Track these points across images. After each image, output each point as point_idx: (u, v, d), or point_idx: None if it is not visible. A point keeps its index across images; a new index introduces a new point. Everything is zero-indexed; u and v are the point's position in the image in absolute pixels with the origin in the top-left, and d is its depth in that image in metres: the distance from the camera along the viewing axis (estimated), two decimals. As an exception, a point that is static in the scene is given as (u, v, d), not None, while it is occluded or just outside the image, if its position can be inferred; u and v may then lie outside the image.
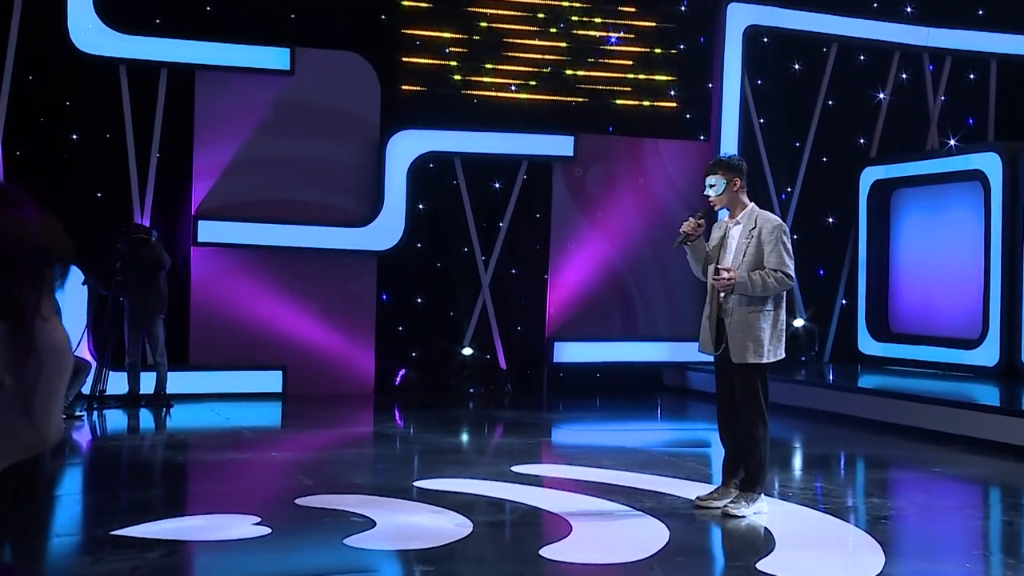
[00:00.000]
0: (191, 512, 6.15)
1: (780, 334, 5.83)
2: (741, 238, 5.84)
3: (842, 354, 13.24)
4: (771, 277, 5.69)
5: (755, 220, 5.86)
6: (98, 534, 5.35)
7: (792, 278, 5.76)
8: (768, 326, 5.76)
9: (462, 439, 9.16)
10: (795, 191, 13.32)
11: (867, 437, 9.20)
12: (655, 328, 12.63)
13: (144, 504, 6.16)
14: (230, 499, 6.35)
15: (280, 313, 11.30)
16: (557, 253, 12.33)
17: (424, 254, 12.00)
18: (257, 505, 6.02)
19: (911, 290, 12.74)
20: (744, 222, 5.87)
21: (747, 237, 5.82)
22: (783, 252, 5.76)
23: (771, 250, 5.76)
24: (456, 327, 12.10)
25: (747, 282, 5.67)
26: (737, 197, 5.90)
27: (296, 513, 5.84)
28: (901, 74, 13.73)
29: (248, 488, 6.81)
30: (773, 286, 5.70)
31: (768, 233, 5.79)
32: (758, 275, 5.68)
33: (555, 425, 10.25)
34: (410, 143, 11.69)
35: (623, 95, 12.78)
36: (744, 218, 5.88)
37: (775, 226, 5.80)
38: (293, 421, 10.04)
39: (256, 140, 11.26)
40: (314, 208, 11.40)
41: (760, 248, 5.78)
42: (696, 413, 10.95)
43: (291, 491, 6.39)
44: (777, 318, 5.81)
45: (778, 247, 5.75)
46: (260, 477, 7.22)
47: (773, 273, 5.70)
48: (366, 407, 10.96)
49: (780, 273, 5.71)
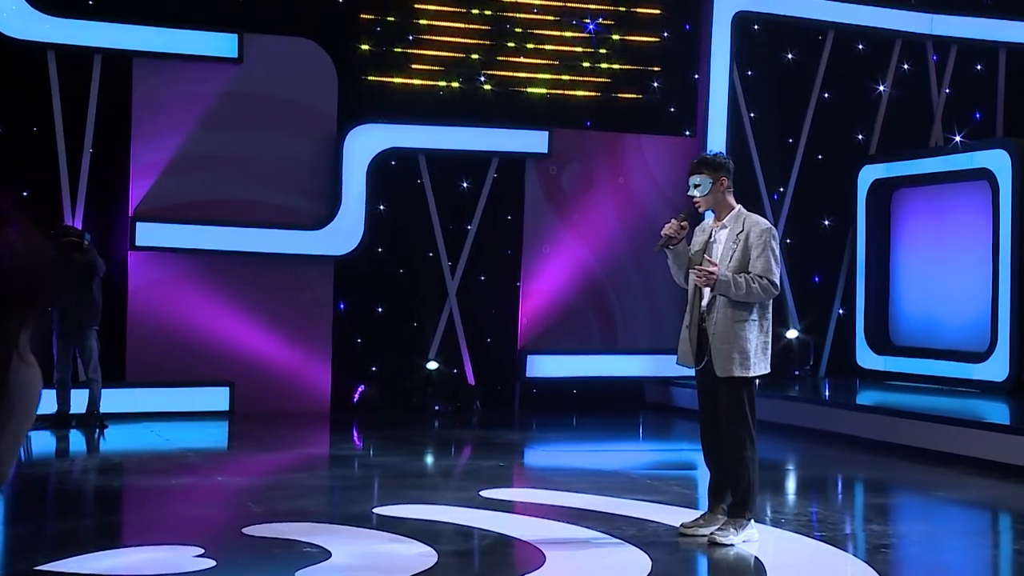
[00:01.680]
0: (127, 544, 6.10)
1: (766, 345, 5.86)
2: (728, 242, 5.87)
3: (839, 368, 13.31)
4: (756, 283, 5.73)
5: (743, 223, 5.89)
6: (21, 570, 5.29)
7: (777, 287, 5.79)
8: (754, 336, 5.79)
9: (426, 461, 9.14)
10: (788, 191, 13.40)
11: (866, 458, 9.24)
12: (636, 340, 12.66)
13: (74, 536, 6.11)
14: (171, 529, 6.32)
15: (227, 324, 11.26)
16: (530, 258, 12.34)
17: (385, 259, 11.99)
18: (200, 535, 5.98)
19: (913, 299, 12.83)
20: (731, 225, 5.90)
21: (734, 241, 5.85)
22: (771, 258, 5.79)
23: (758, 255, 5.79)
24: (420, 339, 12.09)
25: (730, 282, 5.70)
26: (723, 198, 5.94)
27: (243, 543, 5.81)
28: (903, 65, 13.85)
29: (191, 516, 6.78)
30: (757, 292, 5.74)
31: (756, 237, 5.82)
32: (743, 277, 5.72)
33: (528, 446, 10.24)
34: (370, 138, 11.68)
35: (602, 87, 12.82)
36: (731, 221, 5.92)
37: (764, 230, 5.84)
38: (241, 442, 9.99)
39: (200, 135, 11.22)
40: (265, 209, 11.36)
41: (746, 253, 5.81)
42: (681, 432, 10.96)
43: (238, 519, 6.36)
44: (763, 327, 5.85)
45: (766, 252, 5.78)
46: (204, 504, 7.19)
47: (759, 279, 5.73)
48: (321, 427, 10.92)
49: (766, 280, 5.74)
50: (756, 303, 5.79)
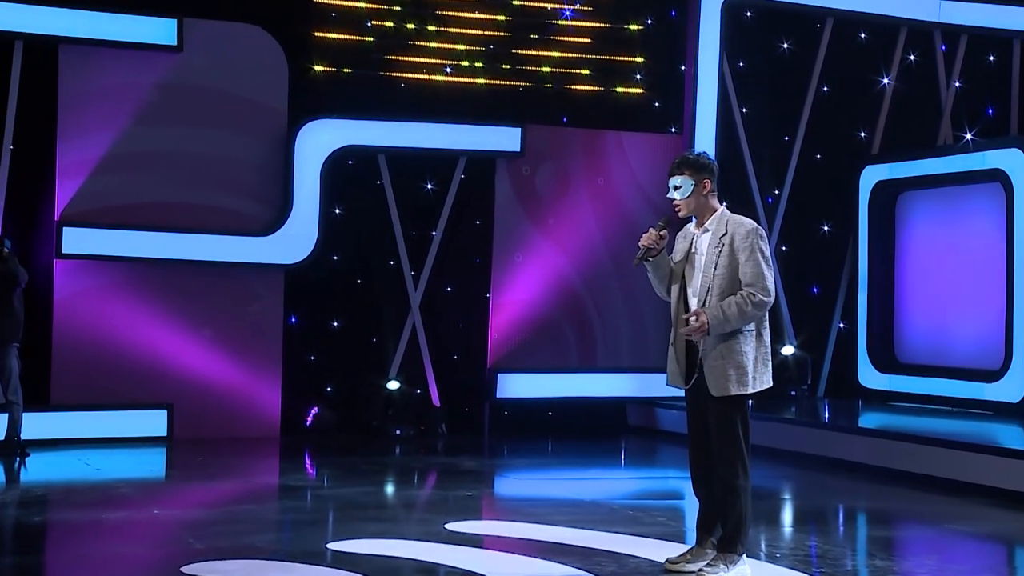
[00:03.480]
0: (53, 584, 6.06)
1: (765, 357, 5.88)
2: (710, 248, 5.88)
3: (839, 388, 13.34)
4: (748, 304, 5.72)
5: (725, 225, 5.90)
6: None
7: (770, 293, 5.79)
8: (751, 349, 5.81)
9: (386, 492, 9.13)
10: (783, 194, 13.44)
11: (869, 487, 9.26)
12: (618, 357, 12.67)
13: (-6, 575, 6.07)
14: (100, 569, 6.26)
15: (165, 340, 11.20)
16: (501, 267, 12.34)
17: (341, 268, 11.97)
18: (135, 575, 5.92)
19: (921, 312, 12.88)
20: (713, 229, 5.91)
21: (716, 246, 5.86)
22: (760, 262, 5.80)
23: (746, 259, 5.80)
24: (380, 356, 12.06)
25: (722, 319, 5.71)
26: (706, 202, 5.95)
27: (182, 584, 5.78)
28: (908, 55, 13.94)
29: (123, 555, 6.72)
30: (752, 314, 5.75)
31: (742, 239, 5.83)
32: (733, 306, 5.71)
33: (499, 473, 10.25)
34: (324, 135, 11.66)
35: (579, 79, 12.83)
36: (713, 224, 5.93)
37: (749, 230, 5.85)
38: (180, 471, 9.96)
39: (135, 131, 11.17)
40: (207, 213, 11.32)
41: (733, 259, 5.82)
42: (666, 458, 10.97)
43: (177, 557, 6.32)
44: (760, 338, 5.86)
45: (754, 255, 5.80)
46: (138, 541, 7.13)
47: (750, 297, 5.73)
48: (270, 454, 10.89)
49: (758, 296, 5.74)
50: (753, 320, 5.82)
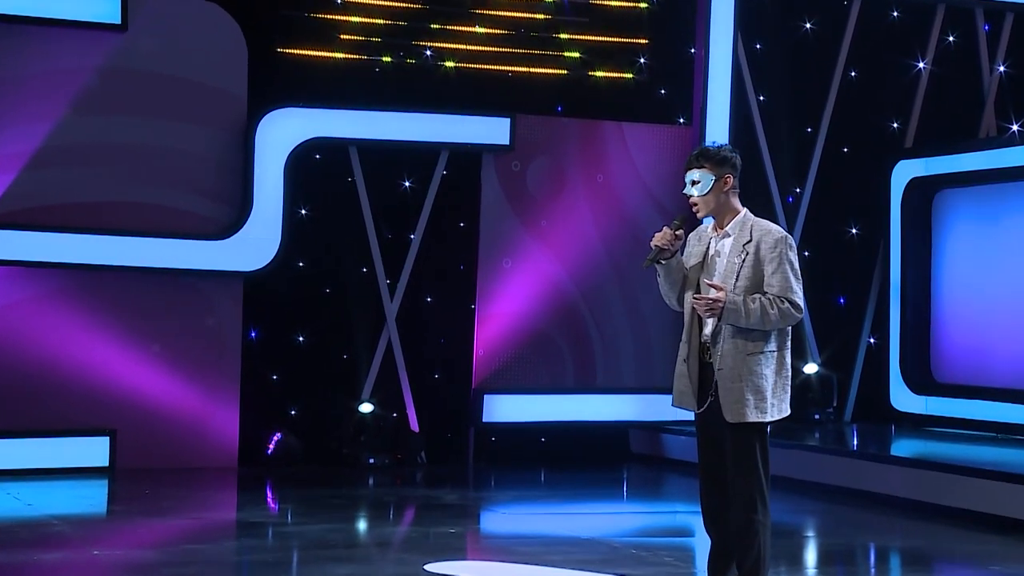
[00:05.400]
0: (-24, 635, 6.03)
1: (785, 382, 5.87)
2: (732, 255, 5.87)
3: (869, 411, 13.35)
4: (774, 307, 5.72)
5: (750, 231, 5.89)
6: None
7: (800, 309, 5.80)
8: (771, 372, 5.80)
9: (358, 528, 9.15)
10: (805, 192, 13.44)
11: (903, 523, 9.26)
12: (620, 376, 12.65)
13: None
14: (32, 616, 6.23)
15: (107, 358, 11.17)
16: (488, 275, 12.32)
17: (308, 276, 11.95)
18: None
19: (961, 325, 12.86)
20: (735, 234, 5.91)
21: (740, 254, 5.85)
22: (789, 273, 5.80)
23: (774, 270, 5.80)
24: (351, 375, 12.04)
25: (740, 309, 5.70)
26: (727, 200, 5.94)
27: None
28: (947, 36, 13.93)
29: (58, 600, 6.70)
30: (775, 319, 5.73)
31: (769, 248, 5.83)
32: (757, 301, 5.72)
33: (485, 508, 10.28)
34: (289, 126, 11.66)
35: (575, 63, 12.81)
36: (735, 228, 5.92)
37: (778, 239, 5.85)
38: (124, 506, 9.95)
39: (74, 121, 11.14)
40: (156, 213, 11.30)
41: (758, 269, 5.82)
42: (674, 490, 11.02)
43: (117, 604, 6.30)
44: (782, 361, 5.85)
45: (783, 266, 5.80)
46: (75, 585, 7.11)
47: (777, 301, 5.73)
48: (227, 486, 10.91)
49: (786, 303, 5.74)
50: (773, 330, 5.80)
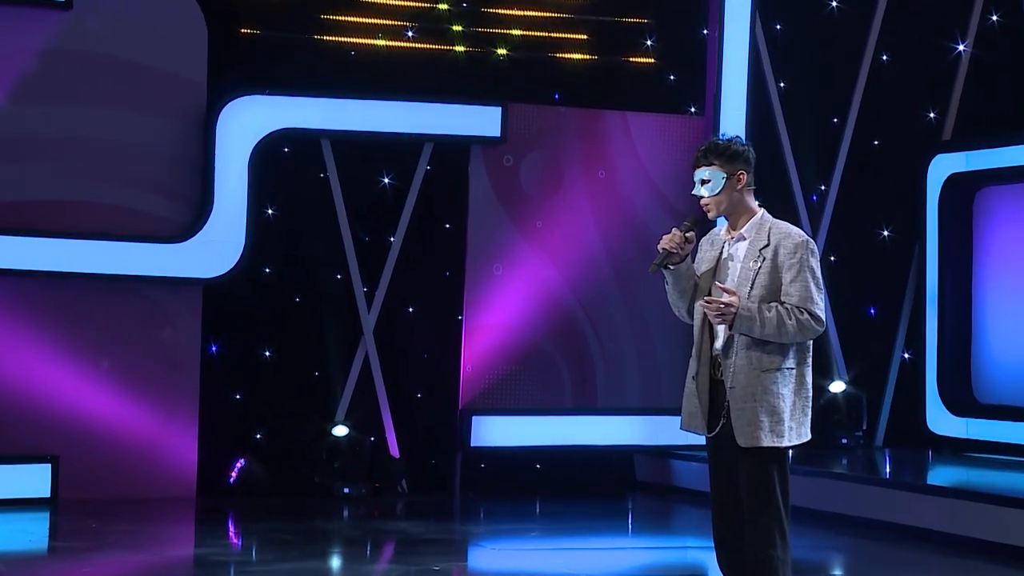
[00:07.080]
0: None
1: (805, 403, 5.86)
2: (747, 260, 5.88)
3: (904, 435, 13.36)
4: (792, 317, 5.72)
5: (767, 234, 5.89)
6: None
7: (822, 322, 5.80)
8: (789, 391, 5.80)
9: (332, 566, 9.16)
10: (831, 190, 13.44)
11: (941, 559, 9.28)
12: (623, 395, 12.66)
13: None
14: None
15: (50, 375, 11.17)
16: (477, 282, 12.32)
17: (275, 284, 11.95)
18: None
19: (1005, 339, 12.86)
20: (751, 237, 5.92)
21: (756, 259, 5.86)
22: (810, 282, 5.80)
23: (793, 278, 5.80)
24: (324, 395, 12.05)
25: (755, 316, 5.71)
26: (741, 199, 5.95)
27: None
28: (990, 15, 13.94)
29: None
30: (792, 330, 5.73)
31: (788, 254, 5.83)
32: (774, 310, 5.73)
33: (473, 542, 10.30)
34: (254, 115, 11.68)
35: (573, 46, 12.81)
36: (751, 231, 5.93)
37: (798, 243, 5.85)
38: (69, 542, 9.96)
39: (13, 111, 11.17)
40: (104, 213, 11.32)
41: (776, 276, 5.82)
42: (683, 522, 11.09)
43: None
44: (802, 380, 5.86)
45: (803, 274, 5.80)
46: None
47: (796, 313, 5.72)
48: (184, 518, 10.93)
49: (806, 314, 5.74)
50: (792, 344, 5.78)
